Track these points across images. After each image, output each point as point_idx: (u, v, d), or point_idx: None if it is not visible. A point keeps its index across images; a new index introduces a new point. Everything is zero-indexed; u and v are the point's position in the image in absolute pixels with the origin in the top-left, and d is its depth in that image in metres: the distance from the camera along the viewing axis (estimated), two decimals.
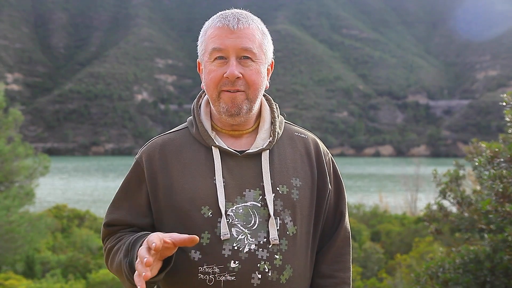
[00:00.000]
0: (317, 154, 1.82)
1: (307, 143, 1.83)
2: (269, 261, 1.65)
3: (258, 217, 1.67)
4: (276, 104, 1.87)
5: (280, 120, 1.84)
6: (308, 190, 1.75)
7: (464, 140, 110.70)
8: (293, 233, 1.70)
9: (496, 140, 3.88)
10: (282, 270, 1.66)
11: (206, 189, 1.68)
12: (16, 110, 13.21)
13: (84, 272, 12.74)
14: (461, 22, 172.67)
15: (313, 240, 1.78)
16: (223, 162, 1.72)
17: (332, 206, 1.83)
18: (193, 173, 1.72)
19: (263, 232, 1.66)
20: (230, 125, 1.77)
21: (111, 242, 1.77)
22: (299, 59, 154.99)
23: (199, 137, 1.76)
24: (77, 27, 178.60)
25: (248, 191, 1.69)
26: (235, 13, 1.72)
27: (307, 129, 1.90)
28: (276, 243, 1.65)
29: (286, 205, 1.70)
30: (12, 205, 11.87)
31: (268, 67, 1.79)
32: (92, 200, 34.23)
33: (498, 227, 3.64)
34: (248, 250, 1.64)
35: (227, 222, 1.65)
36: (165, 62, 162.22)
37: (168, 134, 1.83)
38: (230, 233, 1.64)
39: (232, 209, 1.67)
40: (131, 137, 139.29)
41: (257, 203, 1.68)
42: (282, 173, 1.73)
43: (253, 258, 1.64)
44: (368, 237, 15.07)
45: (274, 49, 1.84)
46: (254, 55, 1.69)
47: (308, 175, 1.77)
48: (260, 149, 1.73)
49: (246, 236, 1.65)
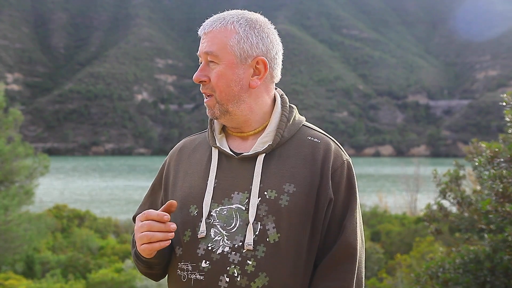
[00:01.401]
0: (324, 160, 1.71)
1: (316, 148, 1.73)
2: (239, 266, 1.61)
3: (239, 220, 1.65)
4: (291, 106, 1.82)
5: (295, 123, 1.78)
6: (303, 197, 1.66)
7: (464, 140, 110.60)
8: (275, 240, 1.63)
9: (496, 140, 3.87)
10: (253, 277, 1.61)
11: (199, 189, 1.71)
12: (16, 110, 13.21)
13: (84, 272, 12.74)
14: (461, 22, 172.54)
15: (307, 251, 1.67)
16: (220, 164, 1.73)
17: (337, 218, 1.70)
18: (194, 173, 1.75)
19: (241, 235, 1.64)
20: (232, 127, 1.78)
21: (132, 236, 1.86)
22: (299, 59, 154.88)
23: (207, 138, 1.81)
24: (77, 27, 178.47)
25: (236, 193, 1.68)
26: (216, 17, 1.74)
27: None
28: (250, 248, 1.61)
29: (270, 211, 1.64)
30: (11, 204, 11.86)
31: (257, 65, 1.72)
32: (90, 200, 34.24)
33: (498, 227, 3.64)
34: (220, 252, 1.63)
35: (208, 222, 1.66)
36: (165, 62, 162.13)
37: (193, 136, 1.90)
38: (208, 233, 1.65)
39: (216, 210, 1.67)
40: (131, 137, 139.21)
41: (242, 206, 1.66)
42: (275, 178, 1.68)
43: (224, 261, 1.62)
44: (368, 237, 15.06)
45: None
46: (216, 58, 1.68)
47: (307, 181, 1.68)
48: (256, 152, 1.71)
49: (223, 238, 1.64)
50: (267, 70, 1.74)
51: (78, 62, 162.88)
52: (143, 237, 1.59)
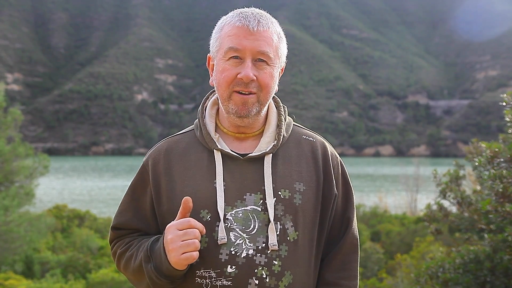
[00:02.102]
0: (324, 158, 1.78)
1: (315, 146, 1.79)
2: (267, 267, 1.62)
3: (257, 221, 1.65)
4: (284, 106, 1.84)
5: (288, 123, 1.82)
6: (313, 195, 1.71)
7: (464, 140, 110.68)
8: (294, 238, 1.67)
9: (496, 140, 3.87)
10: (281, 276, 1.63)
11: (206, 193, 1.67)
12: (16, 110, 13.20)
13: (84, 272, 12.73)
14: (461, 22, 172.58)
15: (317, 247, 1.74)
16: (225, 166, 1.70)
17: (340, 212, 1.79)
18: (194, 176, 1.70)
19: (262, 237, 1.63)
20: (236, 127, 1.75)
21: (121, 248, 1.78)
22: (299, 59, 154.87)
23: (203, 140, 1.75)
24: (77, 27, 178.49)
25: (248, 195, 1.67)
26: (255, 14, 1.70)
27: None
28: (275, 248, 1.63)
29: (287, 210, 1.67)
30: (11, 205, 11.86)
31: (280, 71, 1.77)
32: (89, 200, 34.24)
33: (498, 227, 3.64)
34: (245, 255, 1.62)
35: (226, 226, 1.64)
36: (165, 62, 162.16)
37: (175, 137, 1.83)
38: (228, 237, 1.63)
39: (232, 213, 1.65)
40: (131, 137, 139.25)
41: (257, 207, 1.66)
42: (285, 177, 1.70)
43: (251, 263, 1.61)
44: (368, 237, 15.07)
45: None
46: (269, 59, 1.68)
47: (313, 179, 1.73)
48: (263, 153, 1.71)
49: (244, 241, 1.63)
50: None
51: (78, 62, 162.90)
52: (190, 245, 1.55)
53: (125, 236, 1.80)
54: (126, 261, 1.75)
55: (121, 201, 1.83)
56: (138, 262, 1.68)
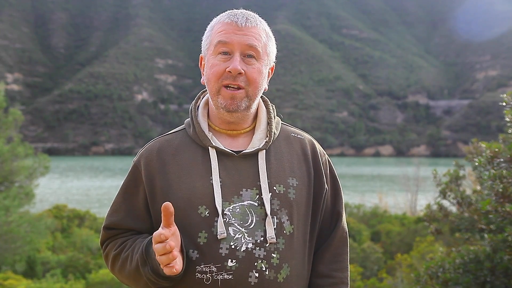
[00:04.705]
0: (314, 154, 1.84)
1: (304, 143, 1.85)
2: (266, 260, 1.66)
3: (255, 216, 1.68)
4: (272, 105, 1.89)
5: (276, 121, 1.86)
6: (305, 190, 1.77)
7: (464, 140, 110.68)
8: (290, 232, 1.71)
9: (496, 140, 3.87)
10: (279, 269, 1.67)
11: (203, 189, 1.69)
12: (16, 110, 13.18)
13: (84, 272, 12.72)
14: (461, 22, 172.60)
15: (310, 240, 1.79)
16: (220, 162, 1.73)
17: (329, 206, 1.85)
18: (190, 173, 1.72)
19: (260, 231, 1.67)
20: (227, 124, 1.78)
21: (114, 249, 1.78)
22: (299, 59, 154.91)
23: (196, 138, 1.77)
24: (77, 27, 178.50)
25: (245, 190, 1.70)
26: (244, 13, 1.76)
27: (307, 129, 1.85)
28: (273, 241, 1.67)
29: (283, 204, 1.71)
30: (12, 205, 11.85)
31: (269, 70, 1.81)
32: (90, 200, 34.22)
33: (498, 227, 3.64)
34: (245, 249, 1.65)
35: (224, 221, 1.66)
36: (165, 62, 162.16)
37: (166, 136, 1.85)
38: (227, 232, 1.65)
39: (229, 209, 1.68)
40: (131, 137, 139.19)
41: (254, 202, 1.69)
42: (278, 173, 1.75)
43: (250, 257, 1.65)
44: (368, 237, 15.06)
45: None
46: (258, 54, 1.72)
47: (305, 175, 1.79)
48: (256, 149, 1.75)
49: (243, 235, 1.66)
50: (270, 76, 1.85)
51: (78, 62, 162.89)
52: (165, 261, 1.54)
53: (117, 236, 1.80)
54: (121, 263, 1.75)
55: (112, 201, 1.83)
56: (135, 264, 1.69)
